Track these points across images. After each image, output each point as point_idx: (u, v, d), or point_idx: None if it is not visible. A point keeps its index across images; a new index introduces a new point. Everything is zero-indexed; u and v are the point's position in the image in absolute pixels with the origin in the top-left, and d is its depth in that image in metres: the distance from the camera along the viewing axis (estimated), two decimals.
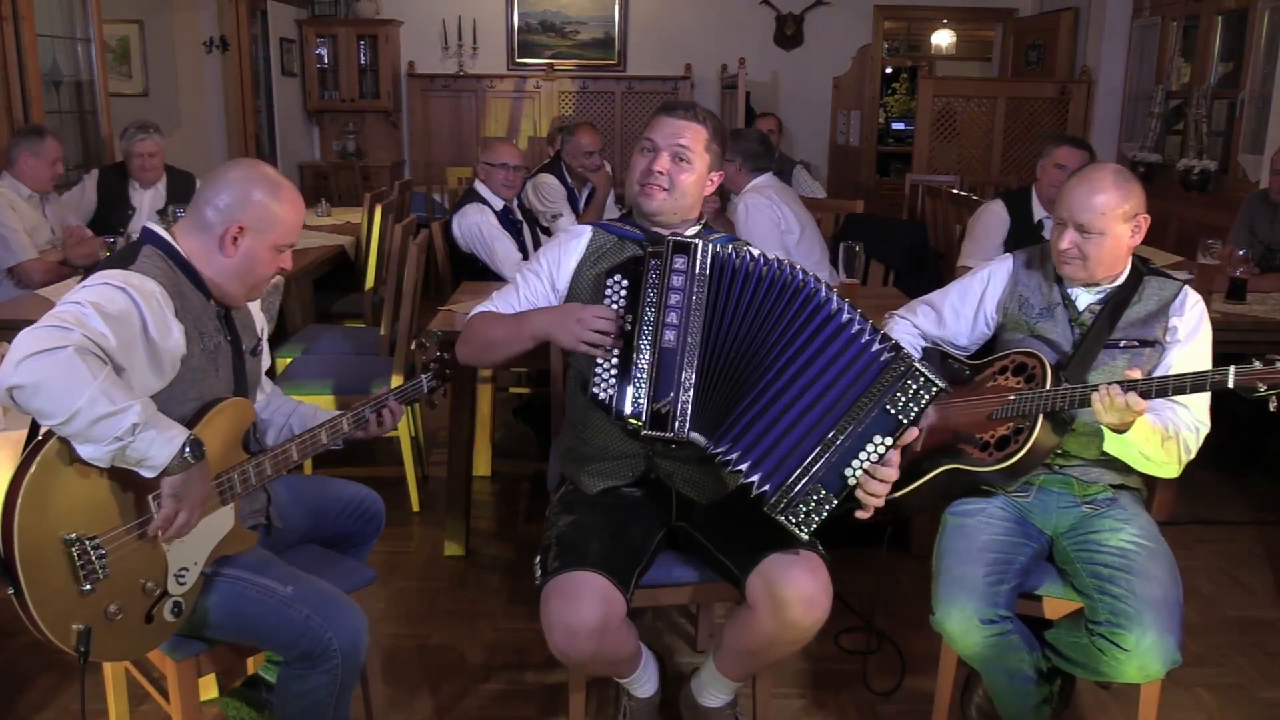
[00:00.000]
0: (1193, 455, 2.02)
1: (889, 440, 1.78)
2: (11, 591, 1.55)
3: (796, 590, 1.88)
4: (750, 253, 1.91)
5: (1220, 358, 2.03)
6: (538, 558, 1.98)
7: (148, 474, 1.63)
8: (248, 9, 7.28)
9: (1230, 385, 1.77)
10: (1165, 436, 1.95)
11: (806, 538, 1.80)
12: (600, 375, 1.94)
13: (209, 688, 2.39)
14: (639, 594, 2.01)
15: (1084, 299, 2.13)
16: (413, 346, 2.28)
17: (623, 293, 1.94)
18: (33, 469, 1.56)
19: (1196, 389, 1.83)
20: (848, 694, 2.49)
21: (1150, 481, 2.18)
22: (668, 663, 2.58)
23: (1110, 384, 1.84)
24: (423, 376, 2.21)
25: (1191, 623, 2.64)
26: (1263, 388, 1.74)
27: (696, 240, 1.91)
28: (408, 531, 3.35)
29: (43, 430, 1.61)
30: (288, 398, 2.18)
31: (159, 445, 1.60)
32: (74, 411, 1.51)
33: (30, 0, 4.62)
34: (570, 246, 2.13)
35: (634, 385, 1.90)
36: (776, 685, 2.45)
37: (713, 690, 2.16)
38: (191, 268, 1.83)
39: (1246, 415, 3.79)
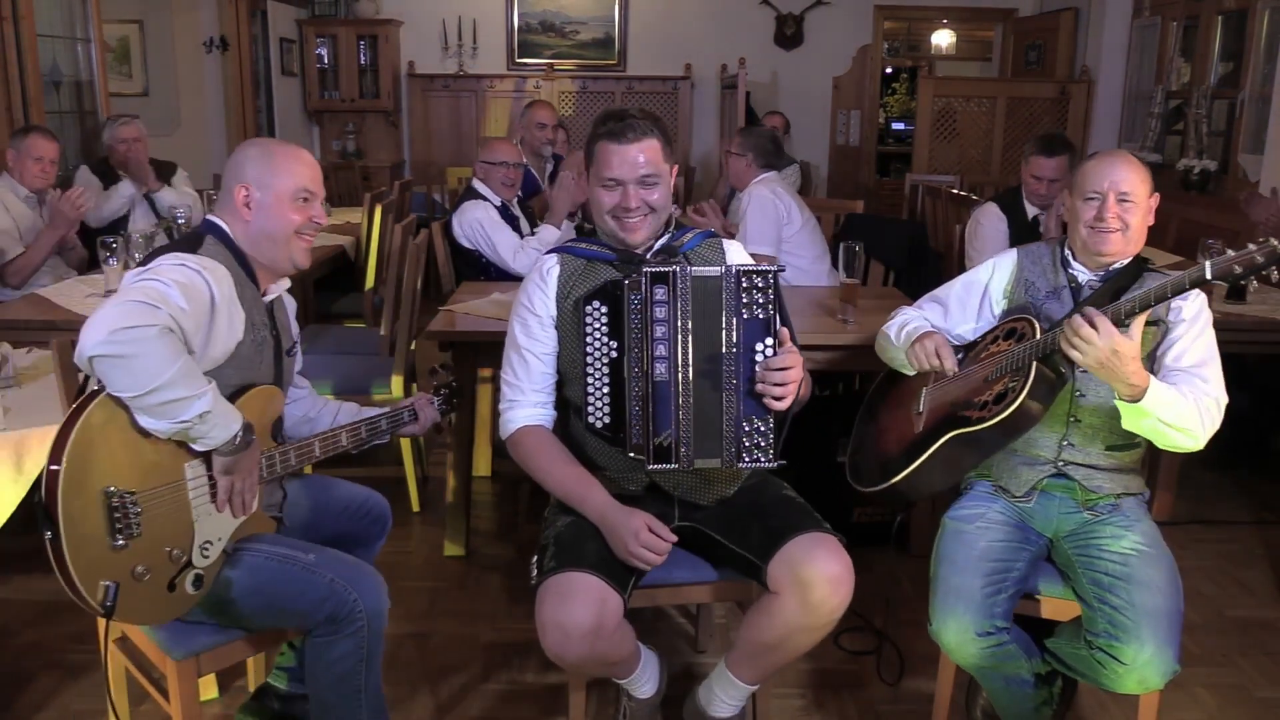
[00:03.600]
0: (1217, 426, 1.96)
1: (769, 340, 1.88)
2: (49, 536, 1.59)
3: (822, 570, 1.87)
4: (712, 272, 1.90)
5: (1221, 357, 2.03)
6: (535, 558, 1.98)
7: (199, 449, 1.72)
8: (248, 9, 7.27)
9: (1209, 277, 1.77)
10: (1181, 399, 1.89)
11: (773, 465, 1.90)
12: (594, 404, 1.95)
13: (209, 688, 2.39)
14: (639, 594, 2.00)
15: (1089, 280, 2.12)
16: (431, 369, 2.35)
17: (604, 320, 1.93)
18: (83, 419, 1.62)
19: (1176, 293, 1.82)
20: (848, 694, 2.49)
21: (1151, 483, 2.17)
22: (667, 663, 2.57)
23: (1073, 315, 1.82)
24: (434, 399, 2.26)
25: (1191, 623, 2.63)
26: (1238, 269, 1.74)
27: (674, 267, 1.89)
28: (408, 531, 3.35)
29: (94, 383, 1.66)
30: (329, 399, 2.24)
31: (219, 430, 1.69)
32: (151, 389, 1.57)
33: (30, 0, 4.62)
34: (546, 282, 2.07)
35: (631, 419, 1.91)
36: (776, 685, 2.45)
37: (724, 698, 2.12)
38: (244, 256, 1.90)
39: (1248, 415, 3.79)
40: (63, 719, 2.34)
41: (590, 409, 1.96)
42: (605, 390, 1.94)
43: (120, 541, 1.65)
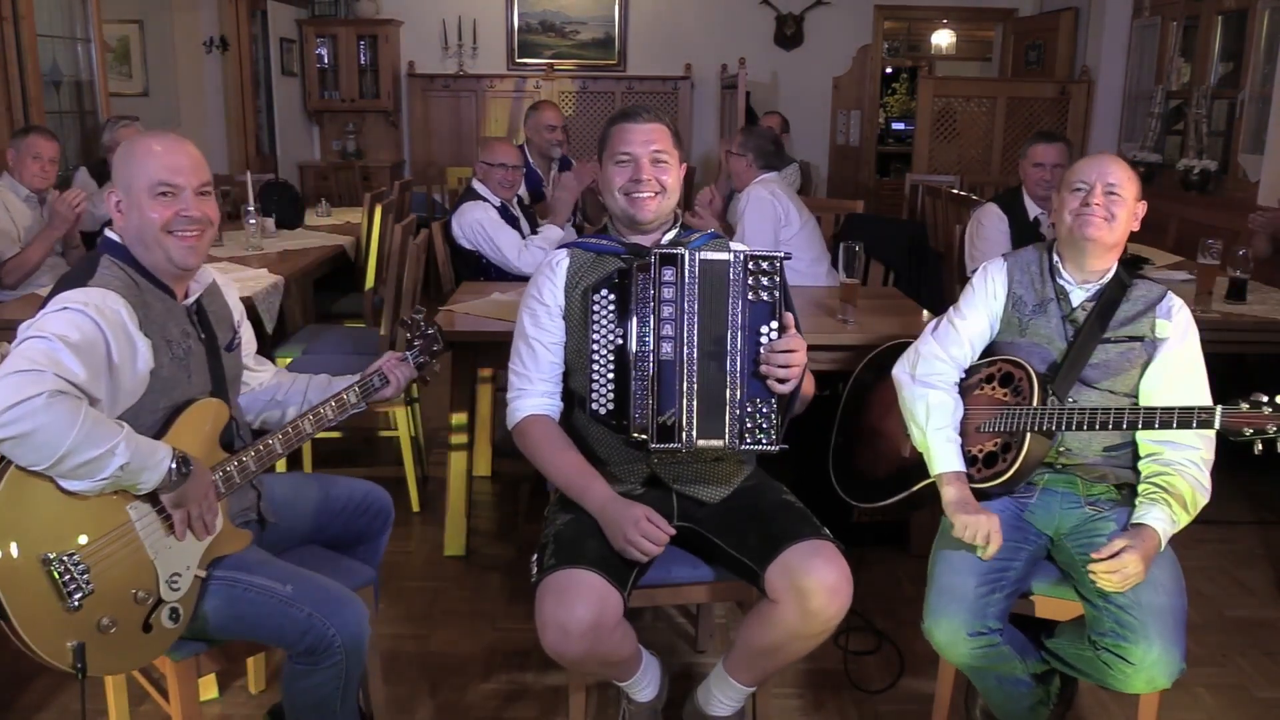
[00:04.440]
0: (1211, 461, 2.02)
1: (774, 323, 1.91)
2: None
3: (819, 579, 1.87)
4: (721, 256, 1.93)
5: (1220, 358, 2.03)
6: (535, 555, 1.99)
7: (139, 494, 1.67)
8: (248, 9, 7.27)
9: (1216, 428, 1.79)
10: (1182, 492, 1.96)
11: (775, 450, 1.91)
12: (598, 391, 1.97)
13: (209, 688, 2.40)
14: (638, 594, 2.00)
15: (1077, 295, 2.13)
16: (402, 320, 2.28)
17: (611, 307, 1.97)
18: None
19: (1183, 425, 1.84)
20: (848, 694, 2.49)
21: None
22: (667, 663, 2.57)
23: (1095, 566, 1.87)
24: (407, 354, 2.19)
25: (1191, 623, 2.62)
26: (1248, 432, 1.76)
27: (682, 250, 1.93)
28: (408, 531, 3.35)
29: None
30: (297, 375, 2.16)
31: (148, 473, 1.63)
32: (60, 456, 1.52)
33: (30, 0, 4.62)
34: (556, 273, 2.10)
35: (635, 399, 1.93)
36: (776, 685, 2.45)
37: (722, 698, 2.12)
38: (144, 267, 1.80)
39: None
40: (62, 719, 2.34)
41: (594, 395, 1.98)
42: (609, 377, 1.96)
43: (75, 603, 1.57)
